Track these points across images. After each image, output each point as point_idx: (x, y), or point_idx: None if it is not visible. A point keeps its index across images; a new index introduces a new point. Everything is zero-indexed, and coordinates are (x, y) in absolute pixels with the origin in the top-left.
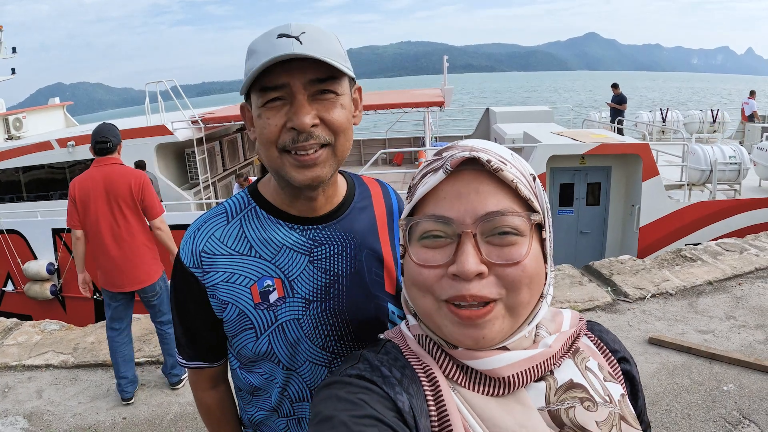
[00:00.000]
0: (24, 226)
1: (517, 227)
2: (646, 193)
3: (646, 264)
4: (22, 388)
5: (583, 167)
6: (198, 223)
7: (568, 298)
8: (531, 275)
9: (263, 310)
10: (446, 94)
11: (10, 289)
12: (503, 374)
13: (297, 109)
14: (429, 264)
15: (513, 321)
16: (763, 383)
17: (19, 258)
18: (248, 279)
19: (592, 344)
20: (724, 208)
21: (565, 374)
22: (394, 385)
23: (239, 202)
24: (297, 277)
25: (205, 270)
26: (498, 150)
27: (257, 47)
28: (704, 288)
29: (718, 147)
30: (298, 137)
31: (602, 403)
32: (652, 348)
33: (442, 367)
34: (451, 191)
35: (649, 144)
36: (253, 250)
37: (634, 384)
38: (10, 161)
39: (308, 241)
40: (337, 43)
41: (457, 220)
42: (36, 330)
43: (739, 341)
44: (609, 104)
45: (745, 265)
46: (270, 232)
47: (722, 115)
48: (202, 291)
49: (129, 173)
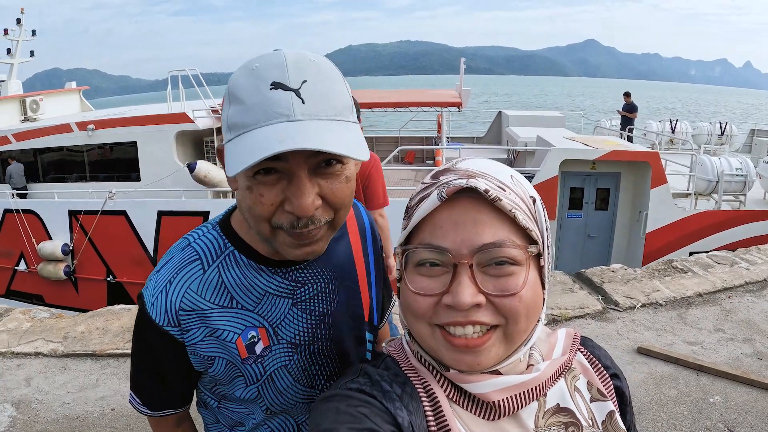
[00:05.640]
0: (40, 207)
1: (514, 258)
2: (654, 201)
3: (638, 273)
4: (11, 375)
5: (594, 172)
6: (169, 273)
7: (559, 305)
8: (528, 305)
9: (251, 365)
10: (463, 95)
11: (22, 268)
12: (494, 398)
13: (298, 189)
14: (425, 292)
15: (508, 346)
16: (749, 396)
17: (34, 238)
18: (232, 333)
19: (585, 360)
20: (729, 218)
21: (554, 397)
22: (395, 401)
23: (214, 246)
24: (281, 323)
25: (184, 328)
26: (497, 173)
27: (244, 96)
28: (694, 300)
29: (725, 159)
30: (297, 222)
31: (587, 427)
32: (640, 357)
33: (442, 386)
34: (448, 220)
35: (658, 153)
36: (234, 301)
37: (624, 400)
38: (27, 142)
39: (291, 283)
40: (343, 87)
41: (453, 251)
42: (26, 317)
43: (726, 354)
44: (620, 112)
45: (735, 278)
46: (251, 279)
47: (730, 128)
48: (180, 346)
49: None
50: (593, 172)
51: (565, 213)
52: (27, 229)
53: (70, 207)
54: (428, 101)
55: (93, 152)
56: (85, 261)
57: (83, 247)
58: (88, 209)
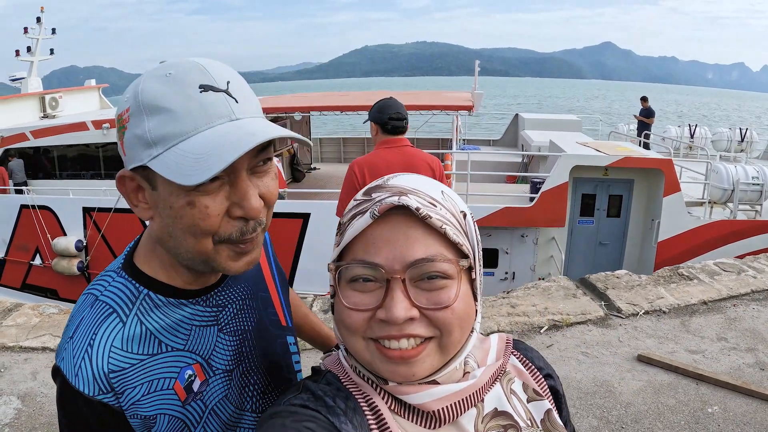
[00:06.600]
0: (55, 203)
1: (445, 272)
2: (667, 209)
3: (642, 280)
4: (18, 369)
5: (606, 179)
6: (86, 336)
7: (560, 310)
8: (461, 317)
9: (190, 404)
10: (476, 98)
11: (37, 263)
12: (433, 408)
13: (246, 192)
14: (358, 307)
15: (443, 357)
16: (748, 407)
17: (48, 234)
18: (169, 379)
19: (519, 363)
20: (744, 228)
21: (491, 401)
22: (339, 415)
23: (125, 293)
24: (212, 353)
25: (119, 391)
26: (428, 190)
27: (169, 104)
28: (698, 307)
29: (741, 167)
30: (246, 227)
31: (525, 428)
32: (640, 365)
33: (383, 398)
34: (380, 237)
35: (672, 160)
36: (164, 345)
37: (558, 397)
38: (44, 139)
39: (213, 309)
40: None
41: (386, 266)
42: (35, 312)
43: (728, 363)
44: (636, 117)
45: (742, 286)
46: (175, 317)
47: (750, 134)
48: (119, 416)
49: (425, 155)
50: (606, 179)
51: (576, 220)
52: (42, 224)
53: (84, 204)
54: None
55: (108, 150)
56: (98, 257)
57: (96, 244)
58: (102, 206)
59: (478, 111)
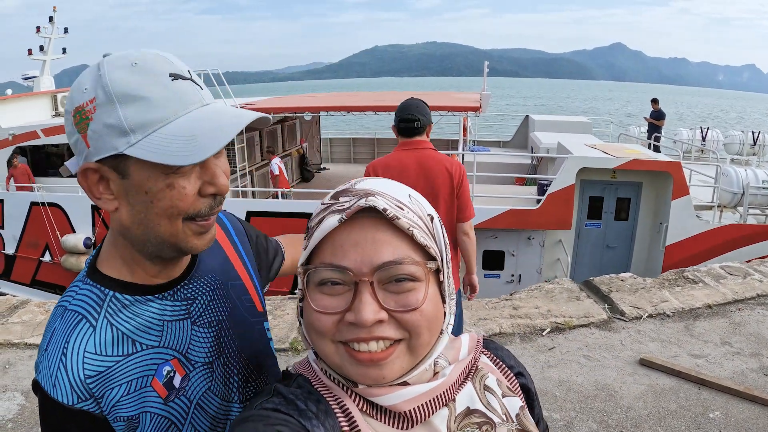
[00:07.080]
0: (65, 201)
1: (413, 274)
2: (675, 212)
3: (647, 283)
4: (23, 366)
5: (614, 182)
6: (59, 346)
7: (563, 313)
8: (429, 319)
9: (174, 401)
10: (483, 99)
11: (47, 260)
12: (404, 409)
13: (215, 170)
14: (327, 311)
15: (412, 359)
16: (751, 413)
17: (58, 231)
18: (146, 377)
19: (490, 361)
20: (754, 233)
21: (463, 401)
22: (311, 419)
23: (92, 299)
24: (189, 347)
25: (98, 396)
26: (395, 193)
27: (143, 92)
28: (703, 311)
29: (751, 170)
30: (214, 201)
31: (500, 423)
32: (641, 369)
33: (354, 400)
34: (348, 240)
35: (680, 162)
36: (138, 344)
37: (530, 395)
38: (56, 137)
39: (183, 302)
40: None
41: (354, 269)
42: (41, 309)
43: (731, 368)
44: (647, 119)
45: (747, 290)
46: (145, 314)
47: (763, 137)
48: (101, 422)
49: (445, 158)
50: (613, 182)
51: (583, 222)
52: (52, 221)
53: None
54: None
55: None
56: None
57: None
58: None
59: (488, 112)
